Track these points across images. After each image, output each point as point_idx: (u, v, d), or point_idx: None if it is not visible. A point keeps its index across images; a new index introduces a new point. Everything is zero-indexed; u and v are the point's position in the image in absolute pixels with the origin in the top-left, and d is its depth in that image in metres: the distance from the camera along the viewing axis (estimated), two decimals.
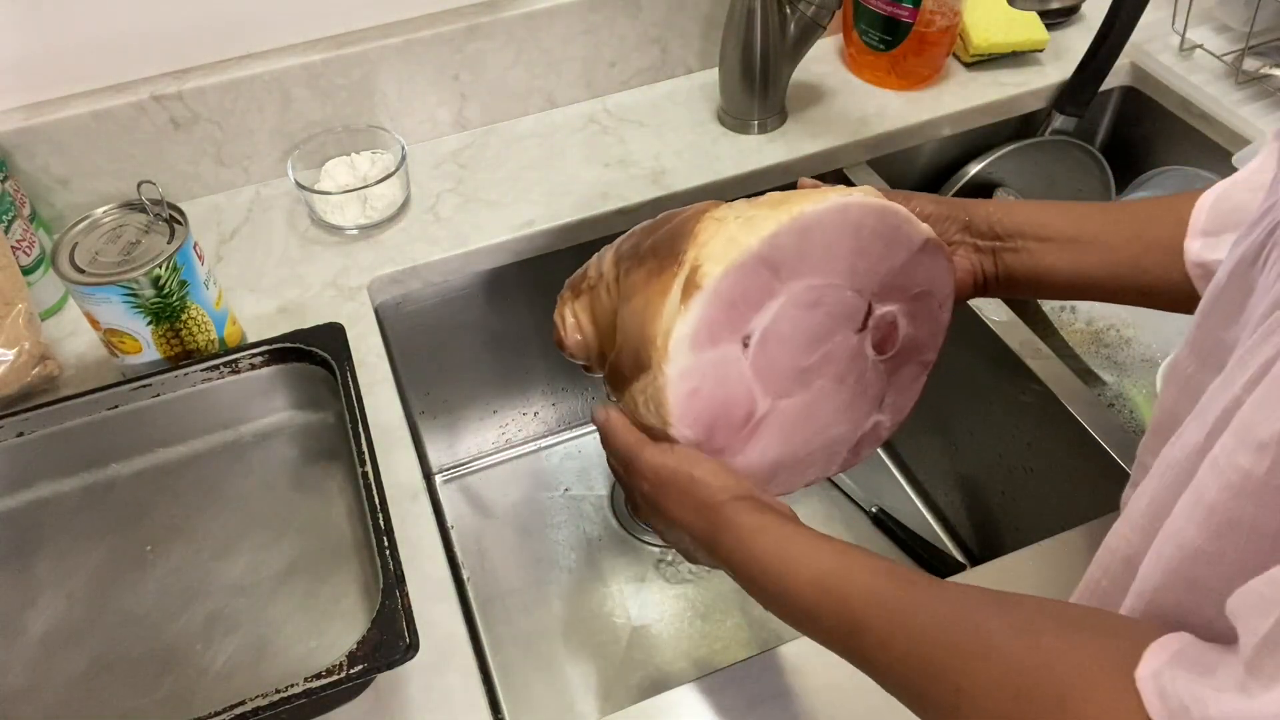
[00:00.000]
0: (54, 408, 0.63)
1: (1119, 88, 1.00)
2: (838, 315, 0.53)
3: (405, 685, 0.57)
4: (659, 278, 0.50)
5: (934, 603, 0.39)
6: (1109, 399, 0.87)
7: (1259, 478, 0.31)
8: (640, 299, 0.50)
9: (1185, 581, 0.35)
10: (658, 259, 0.51)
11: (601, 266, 0.57)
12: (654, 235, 0.53)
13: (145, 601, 0.60)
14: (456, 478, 1.00)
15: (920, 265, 0.54)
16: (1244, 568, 0.32)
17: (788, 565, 0.44)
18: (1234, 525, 0.32)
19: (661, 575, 0.91)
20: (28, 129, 0.79)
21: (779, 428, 0.53)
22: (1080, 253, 0.57)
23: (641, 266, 0.52)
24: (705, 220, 0.51)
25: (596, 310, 0.56)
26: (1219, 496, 0.33)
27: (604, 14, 0.91)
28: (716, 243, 0.49)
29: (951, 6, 0.91)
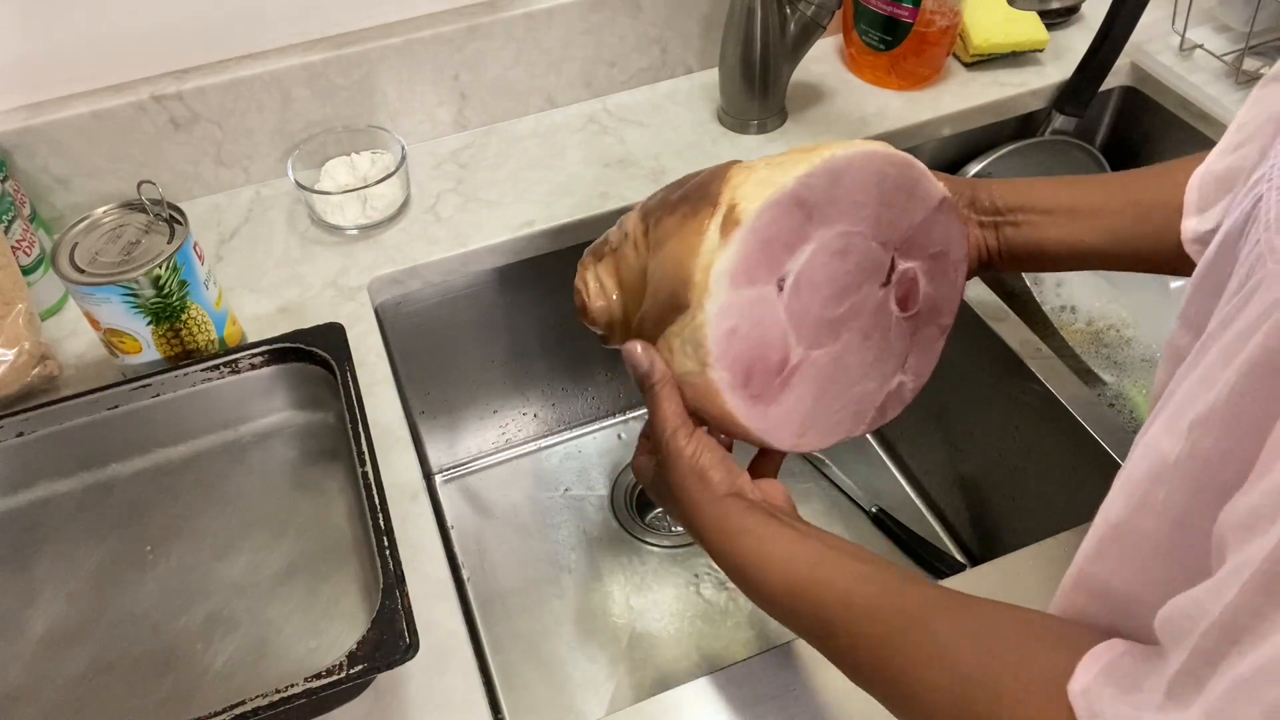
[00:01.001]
0: (54, 408, 0.63)
1: (1119, 88, 1.00)
2: (865, 266, 0.53)
3: (405, 685, 0.57)
4: (694, 219, 0.50)
5: (896, 608, 0.42)
6: (1109, 399, 0.87)
7: (1170, 463, 0.32)
8: (675, 242, 0.50)
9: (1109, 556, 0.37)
10: (690, 203, 0.51)
11: (625, 228, 0.56)
12: (683, 187, 0.53)
13: (145, 601, 0.59)
14: (456, 478, 1.00)
15: (937, 224, 0.55)
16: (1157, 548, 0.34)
17: (765, 568, 0.47)
18: (1146, 506, 0.34)
19: (662, 575, 0.91)
20: (28, 129, 0.79)
21: (811, 378, 0.53)
22: (1078, 223, 0.58)
23: (673, 214, 0.52)
24: (735, 169, 0.51)
25: (622, 270, 0.56)
26: (1140, 475, 0.34)
27: (604, 14, 0.91)
28: (750, 185, 0.49)
29: (951, 6, 0.91)
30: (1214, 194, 0.52)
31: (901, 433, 0.99)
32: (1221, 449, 0.30)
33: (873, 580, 0.43)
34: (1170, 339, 0.42)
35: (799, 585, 0.45)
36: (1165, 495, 0.33)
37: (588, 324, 0.59)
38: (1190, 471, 0.32)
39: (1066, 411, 0.72)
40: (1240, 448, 0.29)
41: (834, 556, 0.45)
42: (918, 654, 0.39)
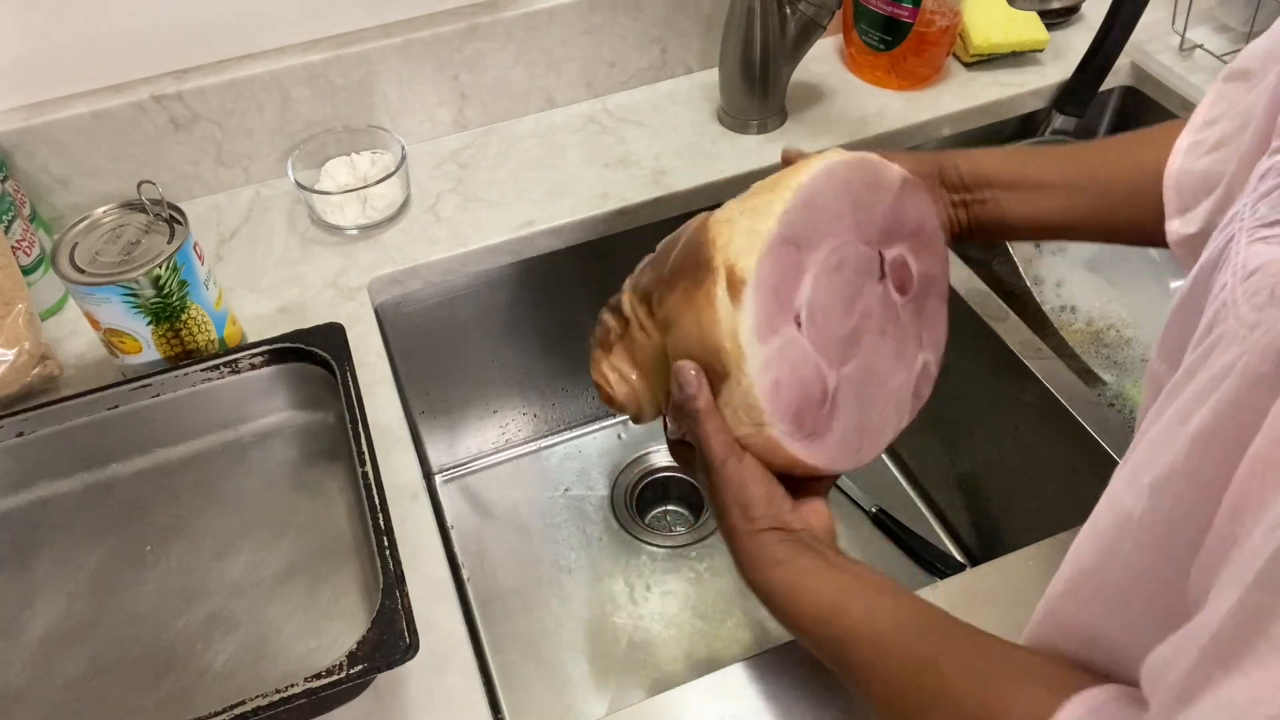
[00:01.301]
0: (54, 408, 0.63)
1: (1119, 88, 1.00)
2: (859, 271, 0.54)
3: (405, 685, 0.57)
4: (698, 291, 0.50)
5: (907, 648, 0.44)
6: (1109, 399, 0.87)
7: (1134, 519, 0.33)
8: (688, 319, 0.51)
9: (1078, 597, 0.39)
10: (687, 277, 0.51)
11: (623, 311, 0.56)
12: (669, 260, 0.53)
13: (145, 601, 0.59)
14: (456, 478, 1.00)
15: (905, 203, 0.56)
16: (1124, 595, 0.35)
17: (793, 598, 0.49)
18: (1113, 556, 0.35)
19: (662, 575, 0.91)
20: (28, 129, 0.79)
21: (851, 395, 0.54)
22: (1042, 198, 0.60)
23: (674, 291, 0.52)
24: (715, 227, 0.52)
25: (636, 355, 0.56)
26: (1106, 526, 0.36)
27: (604, 14, 0.91)
28: (738, 240, 0.50)
29: (951, 6, 0.91)
30: (1193, 195, 0.53)
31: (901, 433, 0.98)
32: (1181, 511, 0.31)
33: (890, 614, 0.46)
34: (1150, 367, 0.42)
35: (820, 613, 0.47)
36: (1130, 548, 0.34)
37: (618, 412, 0.60)
38: (1153, 529, 0.33)
39: (1066, 411, 0.72)
40: (1198, 511, 0.30)
41: (857, 587, 0.48)
42: (927, 697, 0.41)
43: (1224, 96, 0.52)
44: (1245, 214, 0.36)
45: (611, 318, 0.57)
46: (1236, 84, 0.51)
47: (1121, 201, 0.58)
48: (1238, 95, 0.51)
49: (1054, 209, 0.60)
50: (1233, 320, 0.32)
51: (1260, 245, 0.34)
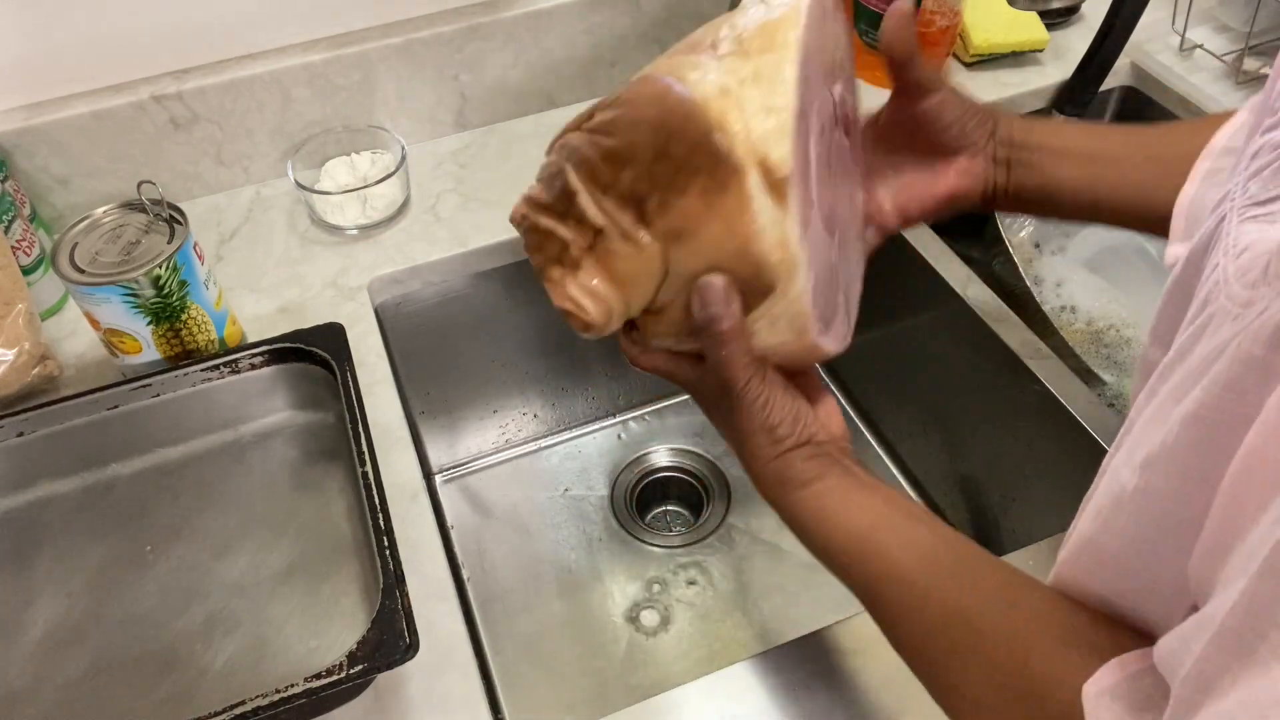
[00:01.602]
0: (54, 408, 0.63)
1: (1119, 88, 1.00)
2: (827, 123, 0.48)
3: (405, 685, 0.57)
4: (724, 195, 0.42)
5: (945, 597, 0.42)
6: (1109, 399, 0.87)
7: (1128, 493, 0.33)
8: (716, 229, 0.43)
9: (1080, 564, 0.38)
10: (702, 175, 0.43)
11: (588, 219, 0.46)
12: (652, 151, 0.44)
13: (145, 601, 0.59)
14: (456, 478, 1.00)
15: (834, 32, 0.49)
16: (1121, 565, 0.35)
17: (825, 520, 0.46)
18: (1110, 528, 0.35)
19: (662, 575, 0.91)
20: (28, 129, 0.79)
21: (841, 261, 0.50)
22: (1094, 168, 0.56)
23: (683, 194, 0.43)
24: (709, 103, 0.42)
25: (615, 268, 0.46)
26: (1104, 499, 0.36)
27: (604, 14, 0.91)
28: (756, 122, 0.42)
29: (951, 6, 0.91)
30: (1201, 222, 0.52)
31: (901, 433, 0.99)
32: (1172, 488, 0.31)
33: (926, 554, 0.44)
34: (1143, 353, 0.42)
35: (851, 545, 0.45)
36: (1124, 521, 0.34)
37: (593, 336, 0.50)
38: (1146, 506, 0.33)
39: (1066, 411, 0.72)
40: (1189, 489, 0.30)
41: (891, 517, 0.45)
42: (961, 654, 0.40)
43: (1244, 126, 0.49)
44: (1236, 193, 0.35)
45: (566, 227, 0.47)
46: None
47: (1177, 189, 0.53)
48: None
49: (1106, 181, 0.56)
50: (1224, 299, 0.31)
51: (1251, 224, 0.33)
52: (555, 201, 0.47)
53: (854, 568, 0.45)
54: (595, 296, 0.47)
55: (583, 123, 0.48)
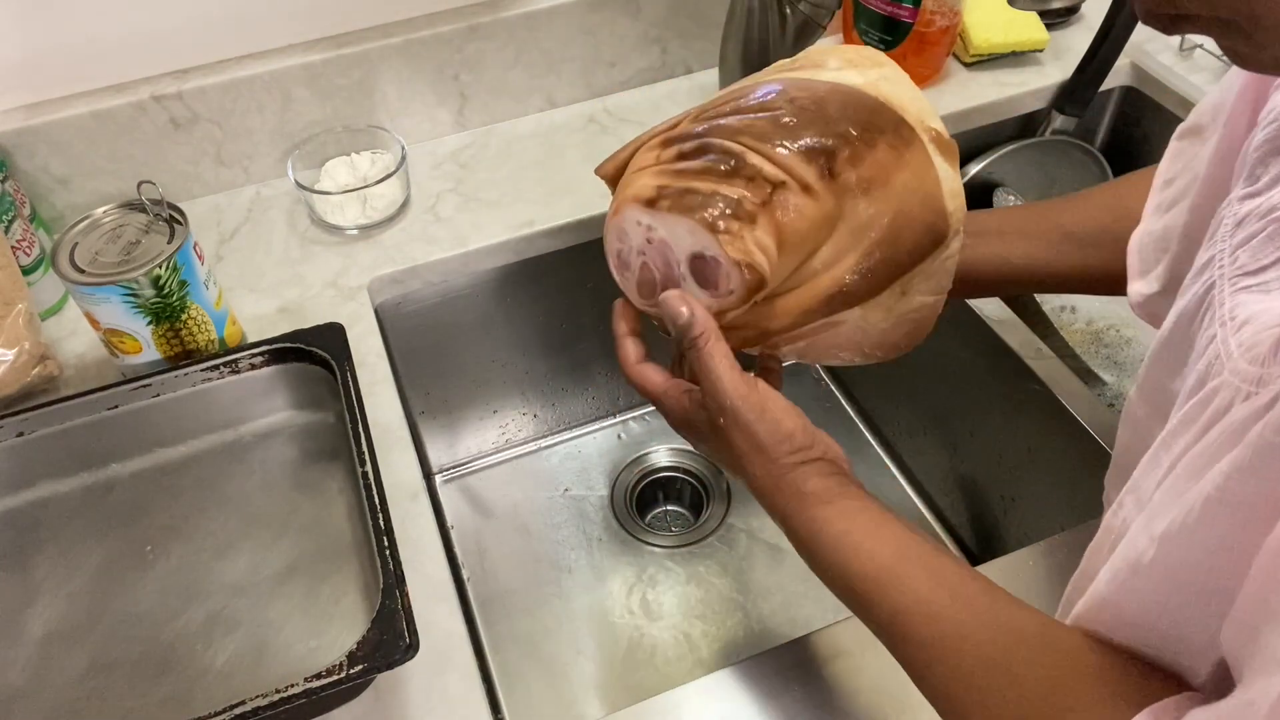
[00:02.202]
0: (54, 408, 0.63)
1: (1119, 88, 1.00)
2: None
3: (405, 685, 0.57)
4: (909, 148, 0.48)
5: (980, 638, 0.40)
6: (1109, 399, 0.86)
7: (1145, 564, 0.34)
8: (908, 177, 0.48)
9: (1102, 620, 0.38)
10: (887, 132, 0.48)
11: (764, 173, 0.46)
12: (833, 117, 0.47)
13: (145, 601, 0.59)
14: (456, 478, 1.00)
15: None
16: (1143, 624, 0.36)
17: (844, 543, 0.45)
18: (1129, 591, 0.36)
19: (662, 575, 0.91)
20: (28, 129, 0.79)
21: None
22: (1005, 244, 0.60)
23: (874, 146, 0.47)
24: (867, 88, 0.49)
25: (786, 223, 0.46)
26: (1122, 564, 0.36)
27: (604, 14, 0.91)
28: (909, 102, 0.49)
29: (951, 6, 0.91)
30: (1154, 254, 0.53)
31: (901, 433, 0.99)
32: (1195, 560, 0.32)
33: (956, 593, 0.42)
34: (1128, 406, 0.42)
35: (880, 579, 0.44)
36: (1145, 587, 0.34)
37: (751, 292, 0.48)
38: (1166, 576, 0.33)
39: (1066, 411, 0.72)
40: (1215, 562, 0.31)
41: (918, 549, 0.44)
42: (996, 702, 0.39)
43: (1179, 154, 0.52)
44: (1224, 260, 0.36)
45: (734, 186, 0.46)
46: (1190, 140, 0.52)
47: (1088, 246, 0.58)
48: (1191, 151, 0.51)
49: (1018, 254, 0.60)
50: (1229, 374, 0.32)
51: (1245, 295, 0.34)
52: (712, 165, 0.47)
53: (878, 599, 0.44)
54: (763, 249, 0.47)
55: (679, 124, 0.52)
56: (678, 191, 0.47)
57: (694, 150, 0.48)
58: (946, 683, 0.41)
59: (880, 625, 0.44)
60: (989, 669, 0.40)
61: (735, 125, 0.48)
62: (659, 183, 0.48)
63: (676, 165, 0.48)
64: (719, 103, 0.51)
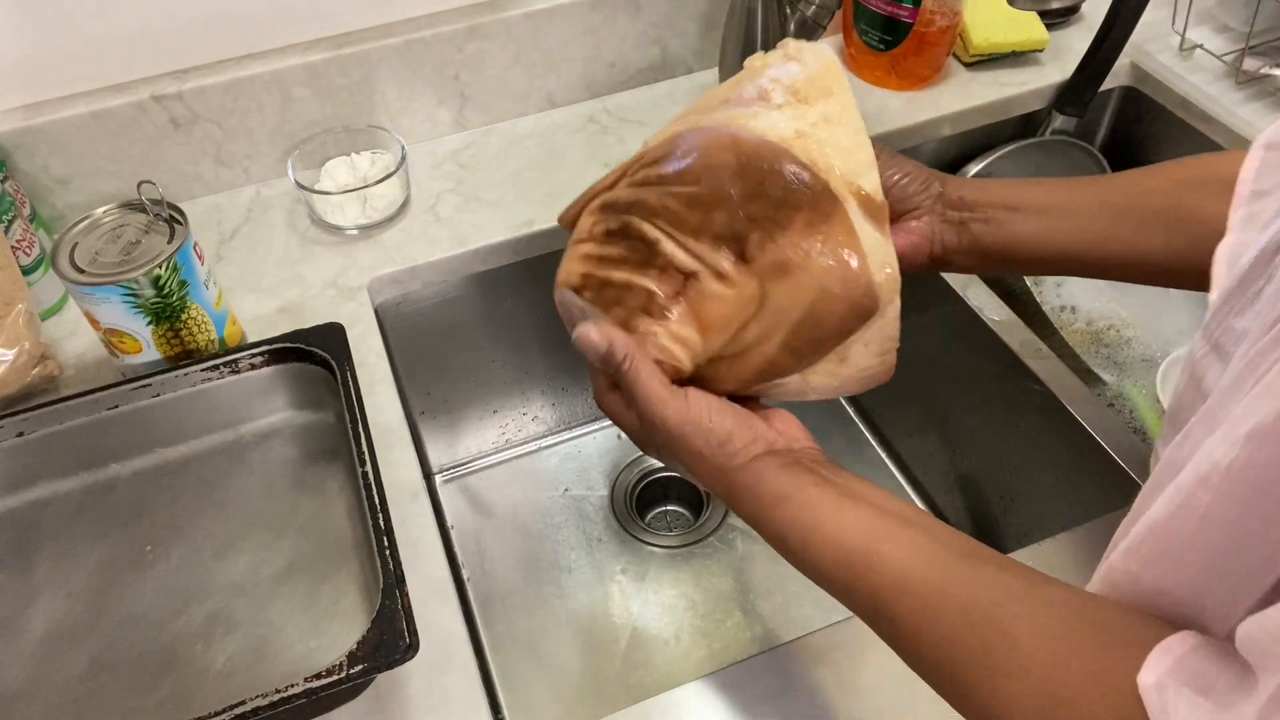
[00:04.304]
0: (54, 408, 0.63)
1: (1119, 88, 1.00)
2: None
3: (405, 685, 0.57)
4: (828, 224, 0.45)
5: (962, 601, 0.39)
6: (1109, 399, 0.87)
7: (1222, 469, 0.32)
8: (825, 257, 0.45)
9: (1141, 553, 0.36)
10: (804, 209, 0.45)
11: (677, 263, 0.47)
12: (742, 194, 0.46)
13: (145, 601, 0.59)
14: (456, 478, 1.00)
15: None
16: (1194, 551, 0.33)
17: (811, 539, 0.44)
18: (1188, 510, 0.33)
19: (662, 575, 0.91)
20: (28, 129, 0.79)
21: None
22: (1052, 221, 0.56)
23: (788, 228, 0.45)
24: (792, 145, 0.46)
25: (707, 312, 0.47)
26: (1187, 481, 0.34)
27: (604, 14, 0.91)
28: (839, 158, 0.46)
29: (951, 6, 0.91)
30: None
31: (901, 433, 0.99)
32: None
33: (933, 558, 0.41)
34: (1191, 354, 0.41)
35: (850, 560, 0.43)
36: (1211, 500, 0.32)
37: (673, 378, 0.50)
38: (1244, 479, 0.31)
39: (1066, 411, 0.72)
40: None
41: (887, 526, 0.43)
42: (991, 660, 0.37)
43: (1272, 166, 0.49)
44: None
45: (648, 277, 0.47)
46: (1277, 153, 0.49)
47: (1134, 233, 0.55)
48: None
49: (1062, 232, 0.56)
50: None
51: None
52: (629, 254, 0.48)
53: (856, 584, 0.43)
54: (687, 344, 0.48)
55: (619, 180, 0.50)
56: (598, 283, 0.48)
57: (617, 230, 0.48)
58: (936, 650, 0.39)
59: (865, 611, 0.43)
60: (978, 626, 0.38)
61: (653, 203, 0.47)
62: (584, 270, 0.49)
63: (600, 250, 0.49)
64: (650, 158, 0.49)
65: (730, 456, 0.46)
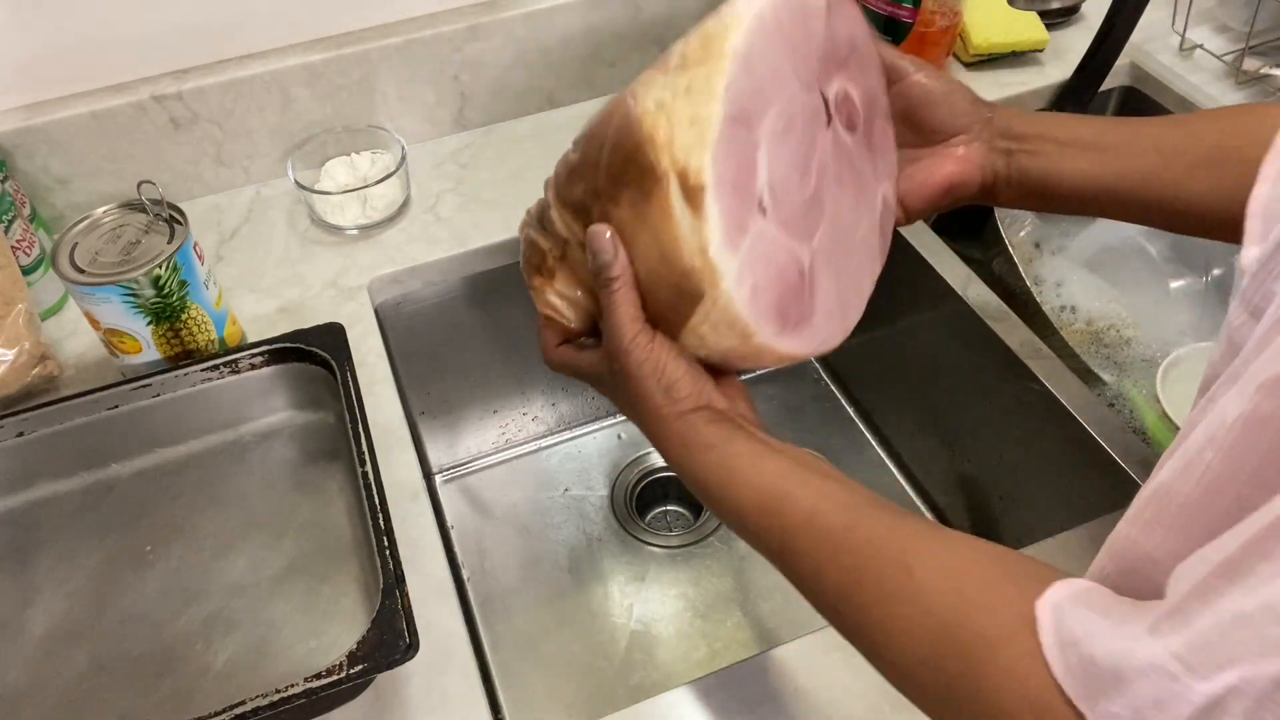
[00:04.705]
0: (54, 408, 0.63)
1: (1119, 88, 1.00)
2: (808, 123, 0.48)
3: (405, 685, 0.57)
4: (649, 203, 0.44)
5: (868, 538, 0.40)
6: (1109, 399, 0.87)
7: (1228, 424, 0.31)
8: (644, 238, 0.45)
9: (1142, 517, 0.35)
10: (630, 187, 0.45)
11: (556, 231, 0.50)
12: (600, 165, 0.46)
13: (145, 601, 0.60)
14: (456, 478, 1.00)
15: (837, 28, 0.50)
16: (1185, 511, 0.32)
17: (731, 483, 0.45)
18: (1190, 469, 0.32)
19: (662, 575, 0.91)
20: (28, 129, 0.79)
21: (826, 264, 0.50)
22: (1100, 158, 0.55)
23: (618, 206, 0.46)
24: (648, 119, 0.44)
25: (580, 275, 0.50)
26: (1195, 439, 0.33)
27: (604, 14, 0.91)
28: (681, 133, 0.43)
29: (951, 6, 0.91)
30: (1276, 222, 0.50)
31: (901, 433, 0.99)
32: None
33: (843, 502, 0.42)
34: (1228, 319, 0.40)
35: (764, 501, 0.44)
36: (1213, 455, 0.31)
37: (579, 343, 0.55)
38: (1244, 431, 0.30)
39: (1066, 411, 0.72)
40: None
41: (802, 473, 0.44)
42: (892, 590, 0.38)
43: None
44: None
45: (543, 238, 0.51)
46: None
47: (1184, 174, 0.53)
48: None
49: (1110, 170, 0.55)
50: None
51: None
52: (540, 215, 0.52)
53: (767, 523, 0.44)
54: (567, 300, 0.51)
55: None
56: (523, 238, 0.54)
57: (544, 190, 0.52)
58: (837, 583, 0.40)
59: (774, 550, 0.44)
60: (878, 559, 0.39)
61: (557, 167, 0.50)
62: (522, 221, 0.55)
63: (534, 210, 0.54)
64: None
65: (674, 403, 0.48)
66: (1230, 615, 0.26)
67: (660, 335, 0.48)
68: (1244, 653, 0.25)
